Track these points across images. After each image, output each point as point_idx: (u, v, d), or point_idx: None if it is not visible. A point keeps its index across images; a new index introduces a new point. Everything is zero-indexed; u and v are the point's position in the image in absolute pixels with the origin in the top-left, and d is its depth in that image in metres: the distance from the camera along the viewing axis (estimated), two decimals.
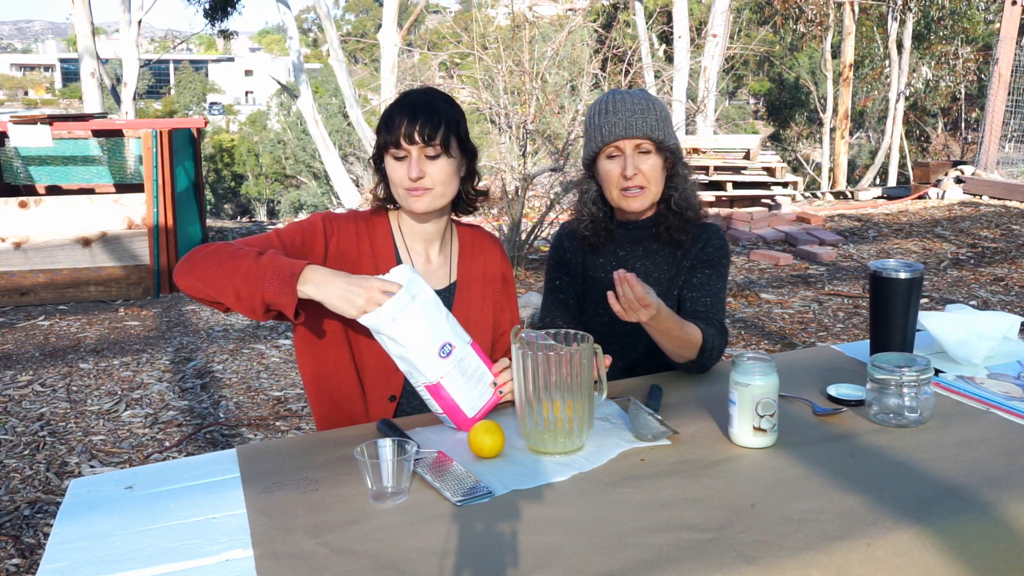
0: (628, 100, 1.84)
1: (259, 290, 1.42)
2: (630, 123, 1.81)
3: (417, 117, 1.61)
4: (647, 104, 1.83)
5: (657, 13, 19.75)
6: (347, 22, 50.52)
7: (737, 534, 1.17)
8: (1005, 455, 1.39)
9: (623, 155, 1.83)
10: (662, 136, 1.83)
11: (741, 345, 4.64)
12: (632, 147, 1.83)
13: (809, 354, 2.02)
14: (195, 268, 1.48)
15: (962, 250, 6.91)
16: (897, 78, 18.81)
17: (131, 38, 13.29)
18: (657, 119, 1.83)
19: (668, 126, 1.86)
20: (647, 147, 1.83)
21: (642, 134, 1.81)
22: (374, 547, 1.17)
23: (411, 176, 1.61)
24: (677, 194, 1.89)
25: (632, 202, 1.86)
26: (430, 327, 1.50)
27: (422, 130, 1.60)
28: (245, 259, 1.45)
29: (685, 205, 1.89)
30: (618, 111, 1.83)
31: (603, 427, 1.54)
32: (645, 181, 1.84)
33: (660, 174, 1.86)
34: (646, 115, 1.82)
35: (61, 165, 7.01)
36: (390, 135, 1.62)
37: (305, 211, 22.92)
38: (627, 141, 1.82)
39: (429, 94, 1.68)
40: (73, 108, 31.30)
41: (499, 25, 8.89)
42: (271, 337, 4.93)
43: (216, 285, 1.45)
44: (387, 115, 1.64)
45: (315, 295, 1.43)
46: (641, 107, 1.82)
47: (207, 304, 1.50)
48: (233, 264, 1.45)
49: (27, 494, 3.05)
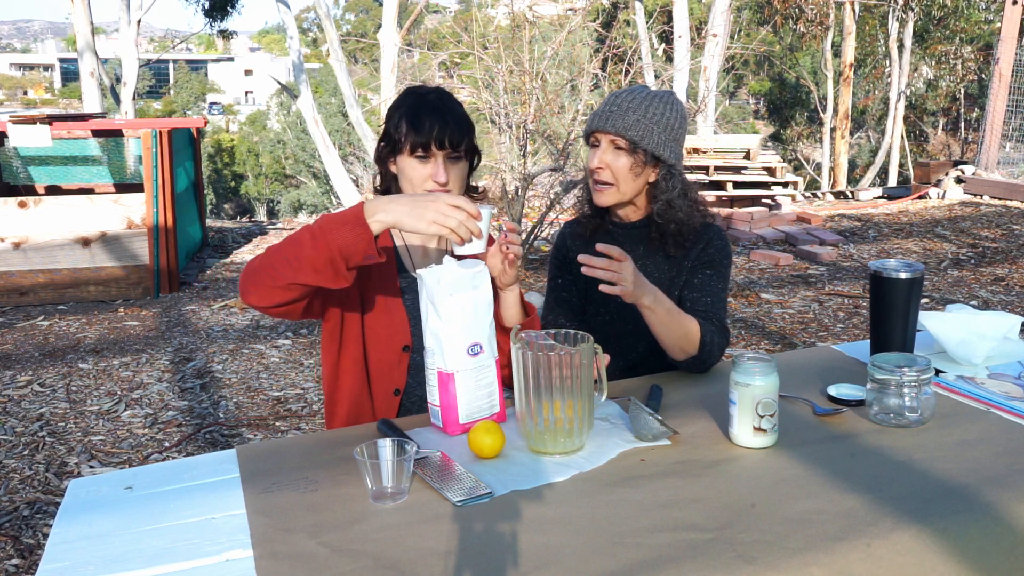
0: (626, 96, 1.83)
1: (334, 246, 1.38)
2: (609, 117, 1.81)
3: (448, 122, 1.65)
4: (639, 104, 1.81)
5: (657, 13, 19.76)
6: (347, 22, 50.51)
7: (737, 534, 1.16)
8: (1005, 455, 1.39)
9: (599, 146, 1.84)
10: (638, 137, 1.79)
11: (741, 345, 4.64)
12: (607, 141, 1.83)
13: (809, 354, 2.02)
14: (258, 274, 1.46)
15: (962, 250, 6.91)
16: (897, 78, 18.81)
17: (130, 38, 13.28)
18: (640, 119, 1.80)
19: (656, 129, 1.81)
20: (620, 144, 1.82)
21: (615, 131, 1.80)
22: (374, 547, 1.17)
23: (439, 180, 1.65)
24: (659, 205, 1.85)
25: (599, 196, 1.86)
26: (474, 320, 1.53)
27: (452, 136, 1.65)
28: (302, 235, 1.41)
29: (669, 218, 1.85)
30: (610, 102, 1.83)
31: (603, 427, 1.54)
32: (612, 178, 1.83)
33: (630, 174, 1.83)
34: (628, 113, 1.80)
35: (61, 165, 7.01)
36: (419, 136, 1.64)
37: (305, 211, 22.92)
38: (602, 134, 1.83)
39: (445, 96, 1.72)
40: (73, 108, 31.30)
41: (499, 25, 8.88)
42: (271, 337, 4.93)
43: (289, 273, 1.42)
44: (412, 115, 1.66)
45: (387, 220, 1.39)
46: (630, 105, 1.81)
47: (284, 309, 1.48)
48: (294, 247, 1.42)
49: (26, 494, 3.05)
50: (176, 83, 45.70)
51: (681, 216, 1.86)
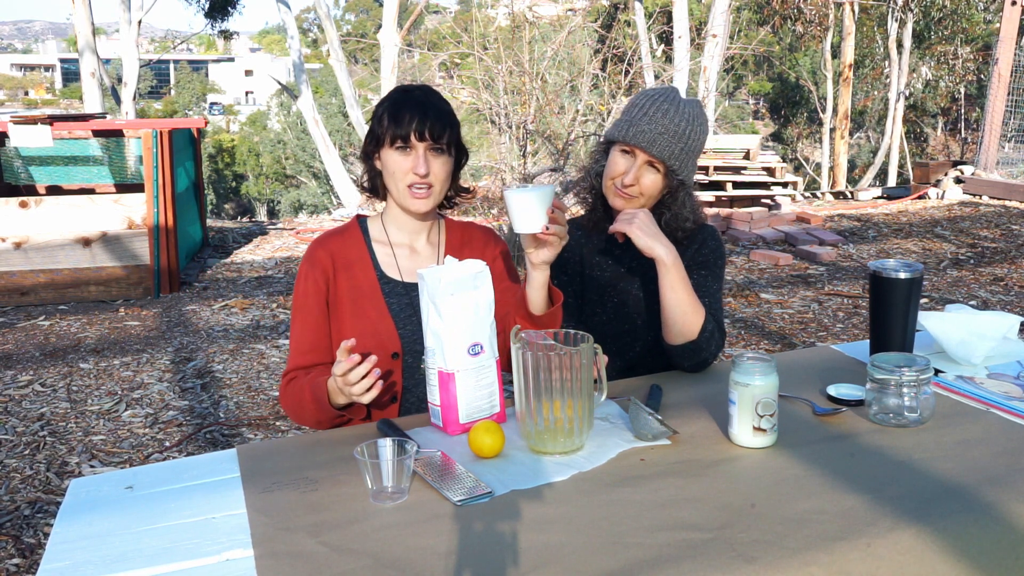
0: (670, 115, 1.80)
1: (323, 415, 1.65)
2: (654, 140, 1.80)
3: (428, 115, 1.66)
4: (684, 129, 1.81)
5: (657, 13, 19.74)
6: (347, 22, 50.51)
7: (737, 534, 1.17)
8: (1005, 455, 1.39)
9: (634, 160, 1.83)
10: (677, 165, 1.82)
11: (741, 345, 4.64)
12: (645, 159, 1.82)
13: (809, 354, 2.02)
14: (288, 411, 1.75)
15: (962, 250, 6.91)
16: (897, 78, 18.81)
17: (131, 38, 13.29)
18: (684, 148, 1.81)
19: (691, 158, 1.84)
20: (658, 167, 1.83)
21: (659, 156, 1.80)
22: (374, 547, 1.17)
23: (419, 172, 1.66)
24: (669, 214, 1.87)
25: (619, 201, 1.87)
26: (475, 320, 1.53)
27: (433, 128, 1.66)
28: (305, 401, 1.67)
29: (675, 226, 1.88)
30: (653, 118, 1.80)
31: (603, 427, 1.54)
32: (639, 193, 1.84)
33: (658, 192, 1.86)
34: (674, 139, 1.80)
35: (61, 165, 7.01)
36: (399, 128, 1.66)
37: (305, 211, 22.90)
38: (641, 152, 1.82)
39: (430, 93, 1.73)
40: (73, 108, 31.29)
41: (499, 25, 8.88)
42: (271, 337, 4.94)
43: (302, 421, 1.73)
44: (394, 109, 1.68)
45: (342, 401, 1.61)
46: (677, 131, 1.80)
47: None
48: (301, 408, 1.69)
49: (27, 494, 3.05)
50: (177, 83, 45.70)
51: (688, 226, 1.89)
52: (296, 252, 7.52)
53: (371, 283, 1.76)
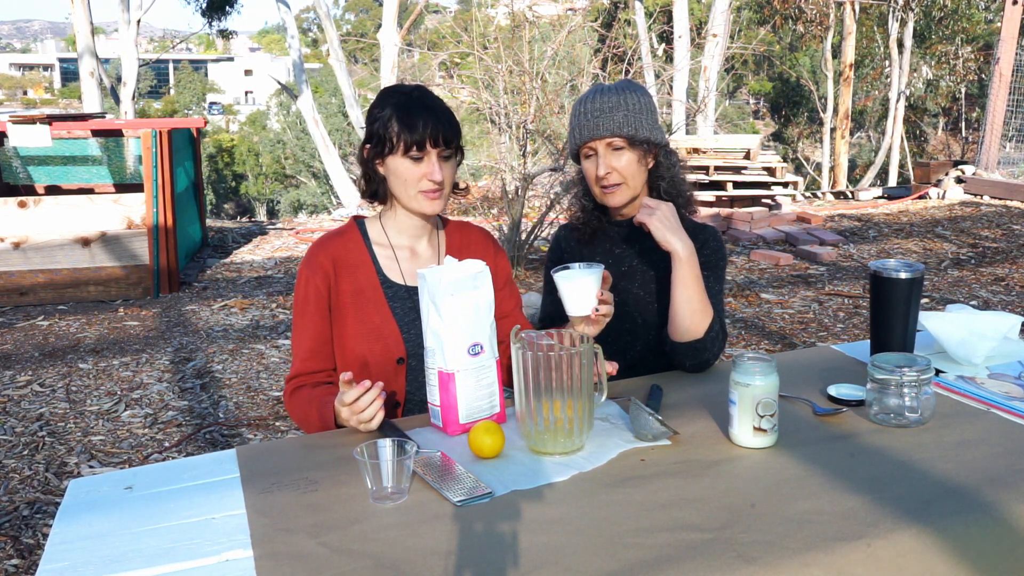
0: (599, 99, 1.84)
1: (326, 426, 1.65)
2: (598, 124, 1.82)
3: (440, 120, 1.65)
4: (617, 101, 1.83)
5: (657, 13, 19.75)
6: (347, 22, 50.52)
7: (737, 534, 1.16)
8: (1005, 455, 1.39)
9: (596, 155, 1.85)
10: (632, 131, 1.82)
11: (741, 345, 4.64)
12: (604, 146, 1.84)
13: (809, 354, 2.02)
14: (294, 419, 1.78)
15: (963, 250, 6.91)
16: (897, 78, 18.81)
17: (130, 38, 13.28)
18: (627, 114, 1.82)
19: (643, 118, 1.84)
20: (619, 144, 1.83)
21: (610, 133, 1.82)
22: (374, 547, 1.17)
23: (435, 179, 1.66)
24: (664, 183, 1.89)
25: (611, 198, 1.87)
26: (475, 320, 1.53)
27: (446, 133, 1.65)
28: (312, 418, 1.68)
29: (675, 192, 1.90)
30: (588, 111, 1.84)
31: (603, 427, 1.54)
32: (620, 178, 1.85)
33: (637, 168, 1.86)
34: (613, 113, 1.82)
35: (60, 165, 7.01)
36: (413, 135, 1.64)
37: (305, 211, 22.90)
38: (598, 141, 1.84)
39: (431, 94, 1.71)
40: (72, 108, 31.31)
41: (499, 25, 8.87)
42: (271, 337, 4.93)
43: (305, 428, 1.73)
44: (403, 114, 1.65)
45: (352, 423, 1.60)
46: (610, 105, 1.82)
47: None
48: (307, 424, 1.71)
49: (26, 494, 3.05)
50: (176, 83, 45.70)
51: (683, 188, 1.91)
52: (296, 252, 7.52)
53: (373, 286, 1.75)
